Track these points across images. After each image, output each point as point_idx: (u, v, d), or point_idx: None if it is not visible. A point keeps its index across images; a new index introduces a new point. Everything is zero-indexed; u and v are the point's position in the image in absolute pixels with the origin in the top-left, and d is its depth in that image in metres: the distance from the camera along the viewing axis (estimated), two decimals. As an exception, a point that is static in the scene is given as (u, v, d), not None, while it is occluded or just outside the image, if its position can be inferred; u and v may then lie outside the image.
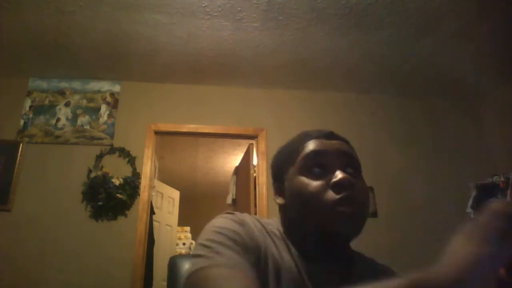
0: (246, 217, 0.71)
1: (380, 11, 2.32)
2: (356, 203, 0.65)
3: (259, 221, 0.73)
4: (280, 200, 0.76)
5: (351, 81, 3.19)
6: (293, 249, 0.70)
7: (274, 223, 0.76)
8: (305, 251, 0.70)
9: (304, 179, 0.69)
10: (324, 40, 2.62)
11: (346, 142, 0.76)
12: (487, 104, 3.32)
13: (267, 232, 0.71)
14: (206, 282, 0.56)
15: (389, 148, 3.19)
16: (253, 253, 0.64)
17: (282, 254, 0.68)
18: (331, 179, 0.67)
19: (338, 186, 0.65)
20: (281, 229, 0.74)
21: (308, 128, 0.82)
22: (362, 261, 0.76)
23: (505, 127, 3.11)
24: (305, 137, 0.76)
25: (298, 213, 0.70)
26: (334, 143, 0.73)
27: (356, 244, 0.81)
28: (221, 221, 0.68)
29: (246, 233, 0.66)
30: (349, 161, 0.71)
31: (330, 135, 0.75)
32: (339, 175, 0.66)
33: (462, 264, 0.40)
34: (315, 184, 0.67)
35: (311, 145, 0.73)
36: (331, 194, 0.65)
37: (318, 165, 0.70)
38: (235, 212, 0.72)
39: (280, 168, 0.78)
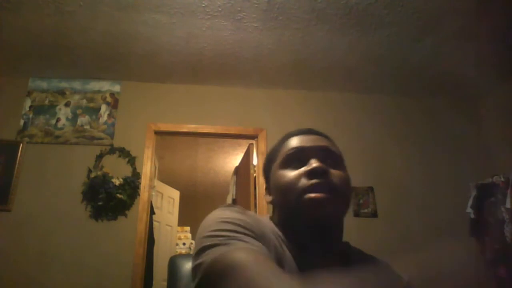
0: (245, 210, 0.72)
1: (380, 11, 2.32)
2: (330, 189, 0.67)
3: (255, 214, 0.74)
4: (268, 198, 0.79)
5: (351, 81, 3.19)
6: (288, 244, 0.71)
7: (265, 221, 0.76)
8: (298, 246, 0.70)
9: (283, 172, 0.74)
10: (324, 40, 2.62)
11: (326, 137, 0.80)
12: (487, 104, 3.32)
13: (266, 224, 0.72)
14: (234, 264, 0.54)
15: (389, 148, 3.19)
16: (262, 240, 0.64)
17: (282, 246, 0.69)
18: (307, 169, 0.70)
19: (310, 173, 0.69)
20: (273, 225, 0.75)
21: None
22: (360, 256, 0.77)
23: (505, 127, 3.11)
24: (286, 136, 0.80)
25: (280, 205, 0.74)
26: (312, 138, 0.77)
27: (356, 244, 0.81)
28: (225, 212, 0.67)
29: (252, 222, 0.66)
30: (328, 154, 0.74)
31: (309, 131, 0.79)
32: (313, 163, 0.70)
33: None
34: (291, 174, 0.71)
35: (290, 142, 0.77)
36: (304, 181, 0.68)
37: (297, 159, 0.73)
38: (232, 205, 0.72)
39: (266, 168, 0.82)
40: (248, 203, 3.26)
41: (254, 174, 3.27)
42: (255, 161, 3.28)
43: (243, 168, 3.79)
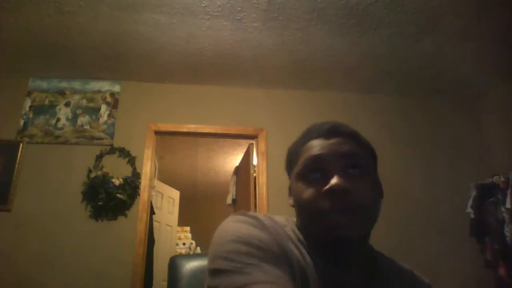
0: (263, 219, 0.66)
1: (380, 11, 2.32)
2: (352, 210, 0.61)
3: (275, 222, 0.68)
4: (290, 202, 0.74)
5: (351, 81, 3.19)
6: (312, 252, 0.66)
7: (288, 223, 0.71)
8: (320, 255, 0.66)
9: (301, 185, 0.67)
10: (324, 40, 2.62)
11: (351, 136, 0.70)
12: (487, 104, 3.32)
13: (286, 234, 0.67)
14: None
15: (389, 148, 3.18)
16: (283, 260, 0.60)
17: (305, 257, 0.65)
18: (326, 184, 0.63)
19: (330, 194, 0.62)
20: (296, 231, 0.70)
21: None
22: (384, 263, 0.74)
23: (505, 127, 3.11)
24: (306, 136, 0.72)
25: (301, 217, 0.69)
26: (333, 143, 0.68)
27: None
28: (242, 227, 0.62)
29: (272, 240, 0.61)
30: (350, 162, 0.66)
31: (331, 133, 0.69)
32: (332, 181, 0.62)
33: None
34: (310, 191, 0.65)
35: (309, 149, 0.69)
36: (324, 202, 0.62)
37: (316, 169, 0.66)
38: (249, 213, 0.67)
39: (288, 169, 0.76)
40: (248, 203, 3.26)
41: (254, 174, 3.26)
42: (255, 161, 3.28)
43: (243, 168, 3.78)
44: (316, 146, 0.68)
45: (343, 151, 0.67)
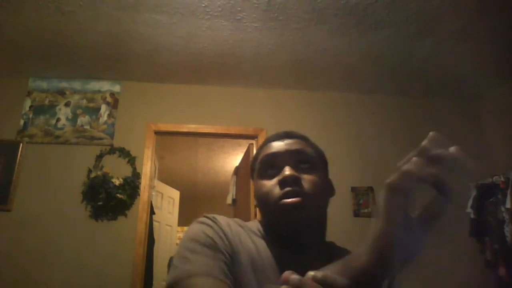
0: (220, 218, 0.75)
1: (380, 11, 2.32)
2: (300, 196, 0.70)
3: (238, 224, 0.77)
4: (255, 201, 0.84)
5: (351, 81, 3.19)
6: (272, 245, 0.74)
7: (254, 224, 0.81)
8: (280, 246, 0.73)
9: (260, 181, 0.78)
10: (324, 40, 2.62)
11: (302, 139, 0.82)
12: (487, 104, 3.32)
13: (246, 232, 0.76)
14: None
15: (389, 148, 3.18)
16: (224, 249, 0.68)
17: (261, 249, 0.73)
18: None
19: (282, 182, 0.72)
20: (260, 228, 0.79)
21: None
22: (339, 252, 0.79)
23: (505, 127, 3.11)
24: (264, 142, 0.84)
25: (261, 211, 0.79)
26: (286, 143, 0.79)
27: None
28: (193, 228, 0.72)
29: (214, 232, 0.70)
30: (302, 158, 0.77)
31: (283, 136, 0.81)
32: (284, 172, 0.73)
33: (373, 245, 0.46)
34: (268, 184, 0.75)
35: (266, 149, 0.81)
36: (277, 190, 0.73)
37: (271, 166, 0.77)
38: (209, 215, 0.76)
39: (251, 174, 0.86)
40: (248, 203, 3.26)
41: (254, 174, 3.26)
42: (255, 161, 3.27)
43: (243, 168, 3.78)
44: (272, 146, 0.80)
45: (294, 149, 0.78)
